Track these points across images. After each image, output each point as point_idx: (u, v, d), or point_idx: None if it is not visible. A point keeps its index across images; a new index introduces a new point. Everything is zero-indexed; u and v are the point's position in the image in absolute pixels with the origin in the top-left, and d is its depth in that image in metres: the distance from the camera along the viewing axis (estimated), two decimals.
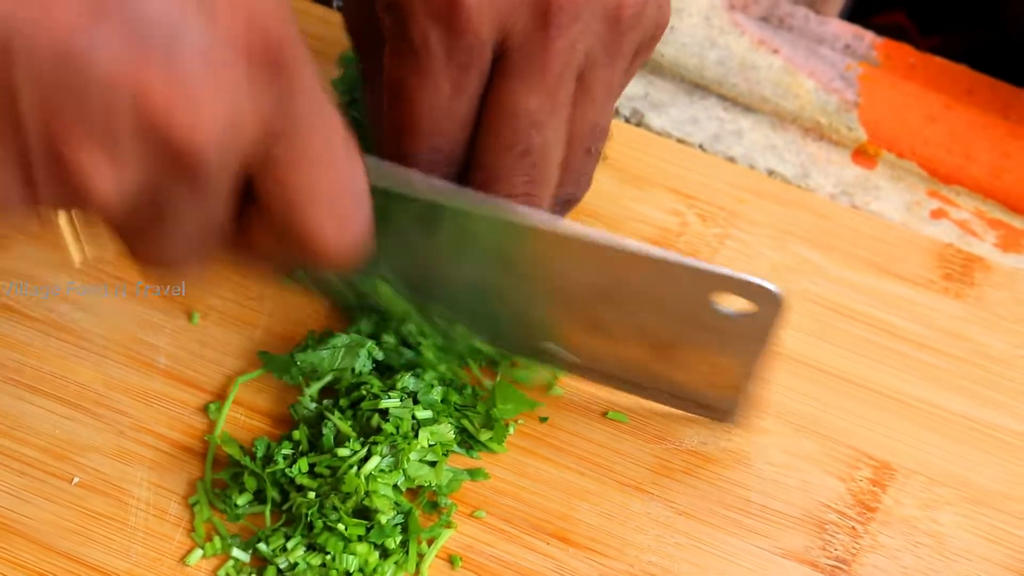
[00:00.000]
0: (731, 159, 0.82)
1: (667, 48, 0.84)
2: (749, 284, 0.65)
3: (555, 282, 0.68)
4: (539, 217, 0.65)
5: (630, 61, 0.68)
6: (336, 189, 0.55)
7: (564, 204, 0.70)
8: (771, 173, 0.81)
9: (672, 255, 0.65)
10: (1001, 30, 0.91)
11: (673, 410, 0.74)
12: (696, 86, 0.83)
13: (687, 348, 0.69)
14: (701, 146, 0.82)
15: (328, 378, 0.72)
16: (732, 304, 0.66)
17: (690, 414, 0.74)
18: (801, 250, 0.79)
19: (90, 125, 0.48)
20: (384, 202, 0.61)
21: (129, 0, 0.48)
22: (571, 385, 0.75)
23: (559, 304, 0.69)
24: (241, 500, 0.70)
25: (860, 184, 0.81)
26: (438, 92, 0.65)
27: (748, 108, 0.83)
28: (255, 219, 0.55)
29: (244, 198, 0.55)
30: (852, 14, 0.94)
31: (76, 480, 0.71)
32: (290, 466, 0.69)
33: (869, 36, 0.85)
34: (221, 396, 0.73)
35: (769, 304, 0.65)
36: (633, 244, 0.65)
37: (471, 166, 0.67)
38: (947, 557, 0.71)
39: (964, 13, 0.94)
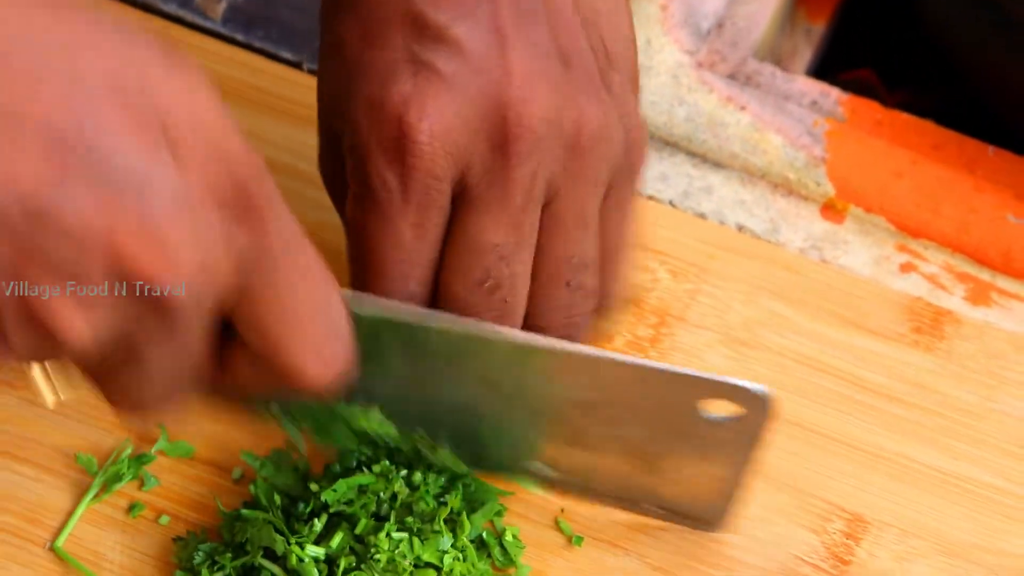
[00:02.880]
0: (701, 215, 0.82)
1: None
2: (735, 388, 0.64)
3: (538, 398, 0.68)
4: (521, 334, 0.65)
5: (604, 188, 0.66)
6: (314, 320, 0.56)
7: None
8: (741, 228, 0.82)
9: (655, 363, 0.65)
10: (967, 87, 0.92)
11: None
12: (665, 143, 0.84)
13: (672, 458, 0.69)
14: (671, 202, 0.83)
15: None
16: (718, 409, 0.66)
17: (675, 525, 0.73)
18: (772, 305, 0.79)
19: (61, 275, 0.49)
20: (364, 329, 0.61)
21: (95, 150, 0.48)
22: None
23: (542, 421, 0.69)
24: None
25: (829, 238, 0.82)
26: (398, 235, 0.64)
27: (718, 164, 0.84)
28: (236, 354, 0.56)
29: (223, 334, 0.55)
30: (819, 71, 0.95)
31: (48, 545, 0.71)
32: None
33: (835, 92, 0.86)
34: (198, 458, 0.73)
35: (757, 406, 0.65)
36: (617, 355, 0.65)
37: (440, 299, 0.66)
38: None
39: (930, 70, 0.95)
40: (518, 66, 0.63)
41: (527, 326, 0.67)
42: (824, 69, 0.95)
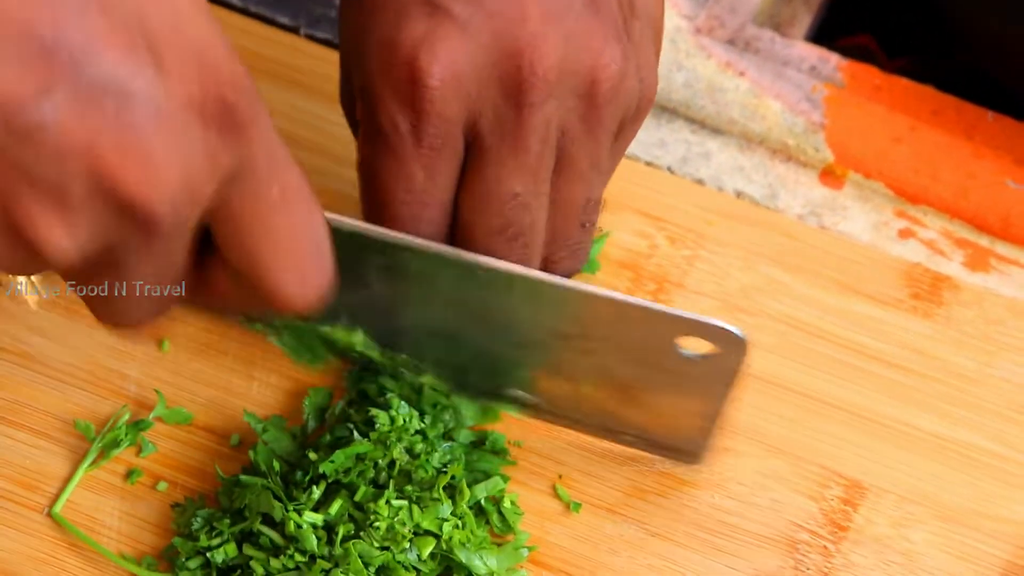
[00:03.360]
0: (699, 181, 0.82)
1: None
2: (712, 327, 0.65)
3: (520, 327, 0.68)
4: (505, 263, 0.65)
5: (615, 135, 0.66)
6: (294, 238, 0.55)
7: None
8: (739, 195, 0.82)
9: (635, 299, 0.65)
10: (965, 53, 0.92)
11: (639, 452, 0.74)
12: (664, 109, 0.84)
13: (651, 391, 0.69)
14: (669, 168, 0.82)
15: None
16: (696, 347, 0.66)
17: (656, 456, 0.74)
18: (770, 271, 0.79)
19: (42, 187, 0.48)
20: (349, 250, 0.61)
21: (79, 63, 0.47)
22: None
23: (524, 349, 0.69)
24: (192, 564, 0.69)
25: (828, 204, 0.82)
26: (410, 177, 0.64)
27: (716, 130, 0.84)
28: (216, 268, 0.56)
29: (204, 248, 0.55)
30: (818, 36, 0.94)
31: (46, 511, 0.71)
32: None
33: (834, 58, 0.86)
34: (196, 424, 0.73)
35: (733, 347, 0.65)
36: (597, 289, 0.65)
37: (460, 246, 0.65)
38: (918, 575, 0.71)
39: (928, 37, 0.95)
40: (534, 10, 0.62)
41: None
42: (823, 36, 0.94)
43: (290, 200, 0.54)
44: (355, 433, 0.69)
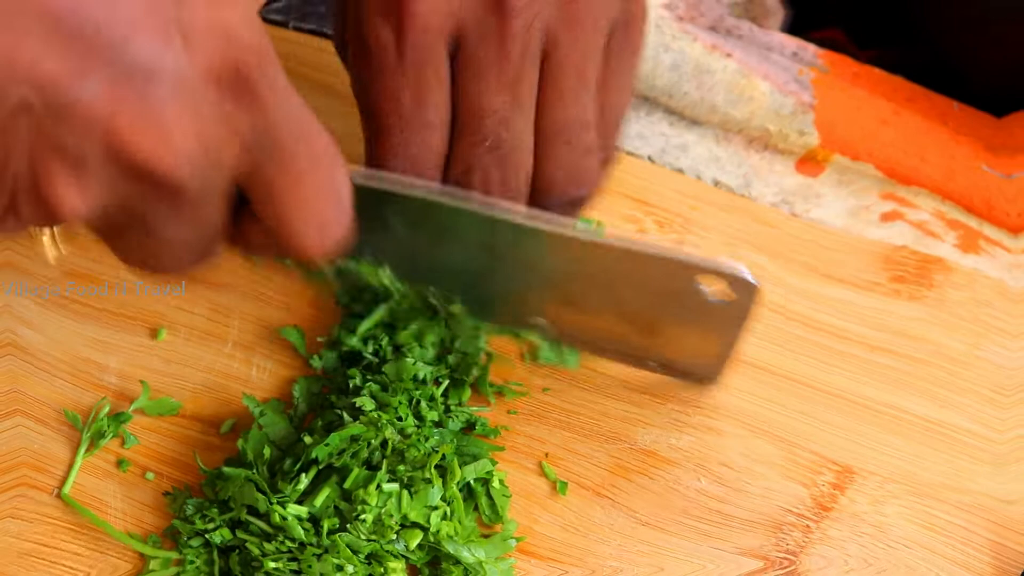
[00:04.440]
0: (679, 171, 0.83)
1: None
2: (727, 273, 0.67)
3: (541, 271, 0.69)
4: (524, 214, 0.66)
5: (602, 44, 0.68)
6: (318, 198, 0.57)
7: (570, 205, 0.70)
8: (717, 184, 0.83)
9: (650, 247, 0.67)
10: (933, 47, 0.93)
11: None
12: (644, 99, 0.84)
13: (669, 326, 0.71)
14: (650, 158, 0.83)
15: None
16: (711, 288, 0.68)
17: (674, 379, 0.76)
18: (753, 256, 0.80)
19: (64, 152, 0.51)
20: (375, 201, 0.64)
21: (115, 45, 0.50)
22: (529, 392, 0.75)
23: (546, 289, 0.71)
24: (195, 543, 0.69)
25: (801, 192, 0.83)
26: (398, 95, 0.66)
27: (694, 122, 0.85)
28: (248, 220, 0.58)
29: (240, 202, 0.57)
30: (790, 30, 0.95)
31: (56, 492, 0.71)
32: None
33: (812, 47, 0.87)
34: (183, 414, 0.74)
35: (745, 291, 0.67)
36: (612, 239, 0.67)
37: (450, 158, 0.68)
38: (889, 546, 0.73)
39: (898, 30, 0.96)
40: None
41: (534, 186, 0.68)
42: (795, 28, 0.96)
43: (314, 158, 0.56)
44: (345, 416, 0.69)
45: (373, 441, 0.69)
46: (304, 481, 0.67)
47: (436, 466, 0.69)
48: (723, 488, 0.73)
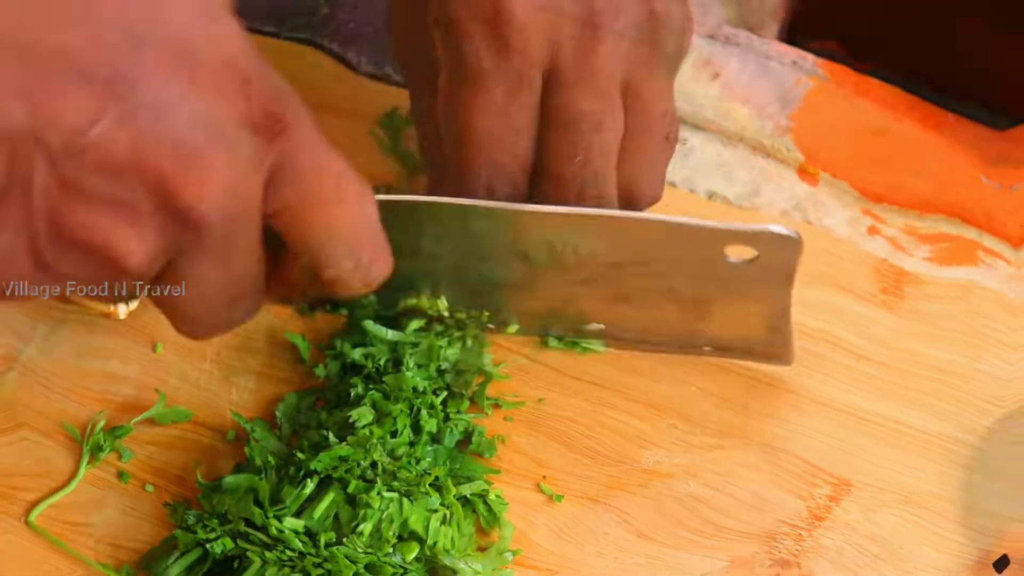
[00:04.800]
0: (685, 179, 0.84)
1: None
2: (764, 232, 0.68)
3: (577, 264, 0.71)
4: (544, 206, 0.69)
5: (671, 59, 0.70)
6: (350, 226, 0.59)
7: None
8: (711, 196, 0.83)
9: (679, 218, 0.69)
10: (931, 61, 0.93)
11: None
12: None
13: (715, 302, 0.73)
14: None
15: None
16: (743, 254, 0.69)
17: (745, 361, 0.76)
18: None
19: (110, 202, 0.52)
20: (408, 220, 0.66)
21: (139, 89, 0.52)
22: (526, 407, 0.76)
23: (588, 284, 0.72)
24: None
25: (811, 200, 0.83)
26: (494, 106, 0.67)
27: (696, 127, 0.85)
28: (287, 261, 0.60)
29: (277, 245, 0.59)
30: (787, 41, 0.96)
31: None
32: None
33: (811, 57, 0.88)
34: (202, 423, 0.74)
35: (787, 247, 0.69)
36: (642, 214, 0.70)
37: (540, 177, 0.69)
38: (881, 556, 0.72)
39: (896, 43, 0.96)
40: None
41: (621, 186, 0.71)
42: (791, 39, 0.96)
43: (342, 190, 0.58)
44: (331, 437, 0.70)
45: (362, 462, 0.69)
46: (310, 486, 0.68)
47: (431, 484, 0.70)
48: (721, 497, 0.73)
